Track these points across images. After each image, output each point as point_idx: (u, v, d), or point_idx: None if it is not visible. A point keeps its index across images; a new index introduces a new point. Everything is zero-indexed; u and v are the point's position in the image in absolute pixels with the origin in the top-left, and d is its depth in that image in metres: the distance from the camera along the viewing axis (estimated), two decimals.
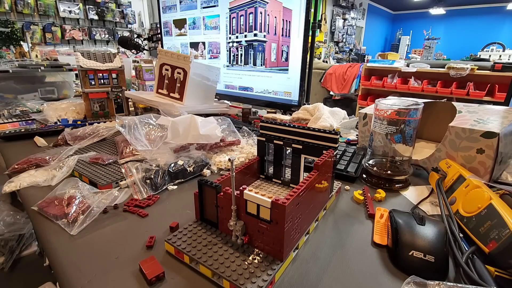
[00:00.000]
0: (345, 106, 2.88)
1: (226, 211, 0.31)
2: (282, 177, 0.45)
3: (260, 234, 0.30)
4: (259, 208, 0.28)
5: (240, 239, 0.31)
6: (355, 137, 0.73)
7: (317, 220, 0.38)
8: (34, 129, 0.76)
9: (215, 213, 0.33)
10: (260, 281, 0.27)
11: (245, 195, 0.29)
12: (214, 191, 0.32)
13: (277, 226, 0.28)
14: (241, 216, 0.30)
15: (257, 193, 0.28)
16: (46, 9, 3.52)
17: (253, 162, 0.44)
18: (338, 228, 0.38)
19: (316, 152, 0.40)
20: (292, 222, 0.29)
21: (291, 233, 0.30)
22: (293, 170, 0.43)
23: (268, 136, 0.44)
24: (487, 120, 0.48)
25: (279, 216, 0.27)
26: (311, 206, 0.35)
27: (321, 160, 0.36)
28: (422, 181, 0.53)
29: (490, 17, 7.83)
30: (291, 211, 0.28)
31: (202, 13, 1.01)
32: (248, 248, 0.31)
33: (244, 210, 0.30)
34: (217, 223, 0.34)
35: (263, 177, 0.47)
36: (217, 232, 0.34)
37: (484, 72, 2.41)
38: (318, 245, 0.35)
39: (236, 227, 0.30)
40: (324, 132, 0.40)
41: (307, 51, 0.78)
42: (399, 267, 0.31)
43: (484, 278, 0.27)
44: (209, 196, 0.33)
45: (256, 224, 0.29)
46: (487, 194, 0.34)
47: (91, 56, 0.85)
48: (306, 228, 0.35)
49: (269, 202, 0.27)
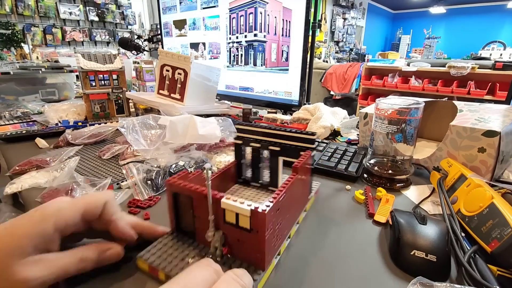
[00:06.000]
0: (345, 105, 2.88)
1: (204, 220, 0.29)
2: (260, 180, 0.43)
3: (240, 244, 0.28)
4: (238, 216, 0.27)
5: (219, 250, 0.29)
6: (356, 137, 0.73)
7: (297, 223, 0.37)
8: (35, 130, 0.76)
9: (192, 224, 0.31)
10: None
11: (223, 203, 0.27)
12: (190, 200, 0.30)
13: (257, 234, 0.26)
14: (220, 226, 0.29)
15: (235, 201, 0.27)
16: (47, 10, 3.53)
17: (230, 167, 0.42)
18: (337, 226, 0.38)
19: (294, 153, 0.39)
20: (273, 229, 0.28)
21: (272, 240, 0.29)
22: (272, 173, 0.42)
23: (244, 138, 0.42)
24: (488, 119, 0.48)
25: (259, 224, 0.26)
26: (291, 210, 0.34)
27: (299, 162, 0.35)
28: (423, 180, 0.52)
29: (490, 15, 7.82)
30: (271, 217, 0.27)
31: (202, 14, 1.01)
32: (229, 259, 0.29)
33: (223, 220, 0.28)
34: (194, 234, 0.31)
35: (241, 181, 0.45)
36: (194, 244, 0.31)
37: (485, 71, 2.41)
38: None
39: (215, 238, 0.28)
40: (300, 133, 0.39)
41: (307, 51, 0.78)
42: (401, 266, 0.31)
43: (487, 278, 0.27)
44: (185, 206, 0.31)
45: (236, 233, 0.28)
46: (489, 193, 0.34)
47: (92, 58, 0.85)
48: (287, 233, 0.34)
49: (248, 211, 0.26)
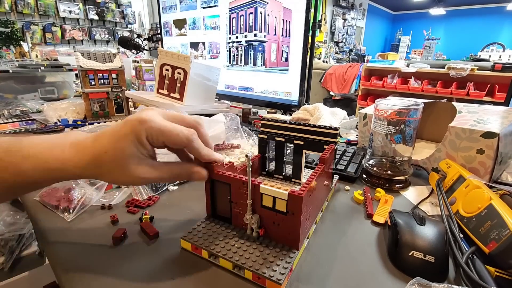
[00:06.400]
0: (345, 106, 2.88)
1: (240, 205, 0.32)
2: (283, 173, 0.46)
3: (275, 226, 0.31)
4: (275, 200, 0.30)
5: (256, 231, 0.32)
6: (355, 137, 0.73)
7: (321, 211, 0.40)
8: (34, 129, 0.76)
9: (228, 209, 0.34)
10: (281, 269, 0.28)
11: (261, 189, 0.30)
12: (228, 187, 0.33)
13: (293, 217, 0.29)
14: (257, 210, 0.32)
15: (273, 186, 0.29)
16: (46, 9, 3.52)
17: (254, 159, 0.45)
18: (336, 226, 0.38)
19: (317, 147, 0.41)
20: (306, 212, 0.31)
21: (305, 222, 0.31)
22: (295, 166, 0.44)
23: (269, 133, 0.45)
24: (487, 120, 0.48)
25: (296, 207, 0.29)
26: (318, 197, 0.36)
27: (326, 154, 0.37)
28: (422, 181, 0.52)
29: (490, 17, 7.83)
30: (306, 201, 0.30)
31: (202, 13, 1.01)
32: (264, 240, 0.32)
33: (260, 204, 0.31)
34: (230, 218, 0.34)
35: (264, 173, 0.48)
36: (230, 227, 0.34)
37: (484, 72, 2.41)
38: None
39: (252, 220, 0.31)
40: (324, 128, 0.41)
41: (307, 51, 0.78)
42: (399, 267, 0.31)
43: (484, 279, 0.27)
44: (222, 192, 0.34)
45: (272, 216, 0.31)
46: (487, 195, 0.34)
47: (91, 56, 0.85)
48: (315, 217, 0.37)
49: (285, 194, 0.28)
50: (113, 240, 0.34)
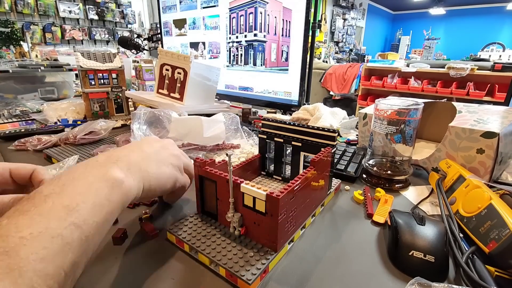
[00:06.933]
0: (345, 106, 2.88)
1: (225, 203, 0.33)
2: (282, 174, 0.46)
3: (256, 226, 0.31)
4: (255, 200, 0.30)
5: (237, 230, 0.32)
6: (355, 137, 0.73)
7: (314, 216, 0.39)
8: (34, 129, 0.76)
9: (215, 206, 0.35)
10: (254, 269, 0.28)
11: (242, 188, 0.30)
12: (214, 184, 0.33)
13: (271, 218, 0.29)
14: (239, 209, 0.32)
15: (253, 186, 0.30)
16: (46, 9, 3.52)
17: (254, 159, 0.45)
18: (335, 226, 0.38)
19: (314, 149, 0.41)
20: (286, 214, 0.30)
21: (286, 225, 0.31)
22: (293, 167, 0.44)
23: (269, 134, 0.45)
24: (487, 120, 0.48)
25: (274, 208, 0.28)
26: (307, 201, 0.36)
27: (317, 157, 0.36)
28: (422, 181, 0.52)
29: (490, 17, 7.84)
30: (285, 204, 0.29)
31: (202, 13, 1.01)
32: (245, 239, 0.32)
33: (242, 203, 0.31)
34: (216, 215, 0.35)
35: (264, 173, 0.48)
36: (216, 224, 0.35)
37: (484, 72, 2.42)
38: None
39: (234, 218, 0.32)
40: (322, 130, 0.41)
41: (307, 51, 0.78)
42: (399, 267, 0.31)
43: (484, 278, 0.27)
44: (209, 189, 0.35)
45: (253, 216, 0.31)
46: (487, 194, 0.34)
47: (91, 56, 0.85)
48: (302, 222, 0.36)
49: (263, 195, 0.29)
50: (113, 240, 0.34)
